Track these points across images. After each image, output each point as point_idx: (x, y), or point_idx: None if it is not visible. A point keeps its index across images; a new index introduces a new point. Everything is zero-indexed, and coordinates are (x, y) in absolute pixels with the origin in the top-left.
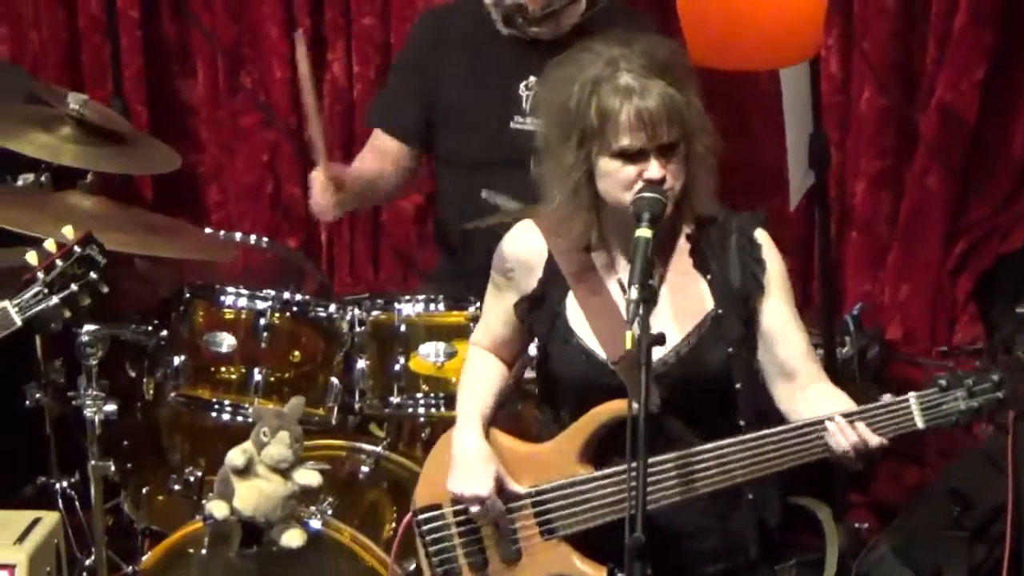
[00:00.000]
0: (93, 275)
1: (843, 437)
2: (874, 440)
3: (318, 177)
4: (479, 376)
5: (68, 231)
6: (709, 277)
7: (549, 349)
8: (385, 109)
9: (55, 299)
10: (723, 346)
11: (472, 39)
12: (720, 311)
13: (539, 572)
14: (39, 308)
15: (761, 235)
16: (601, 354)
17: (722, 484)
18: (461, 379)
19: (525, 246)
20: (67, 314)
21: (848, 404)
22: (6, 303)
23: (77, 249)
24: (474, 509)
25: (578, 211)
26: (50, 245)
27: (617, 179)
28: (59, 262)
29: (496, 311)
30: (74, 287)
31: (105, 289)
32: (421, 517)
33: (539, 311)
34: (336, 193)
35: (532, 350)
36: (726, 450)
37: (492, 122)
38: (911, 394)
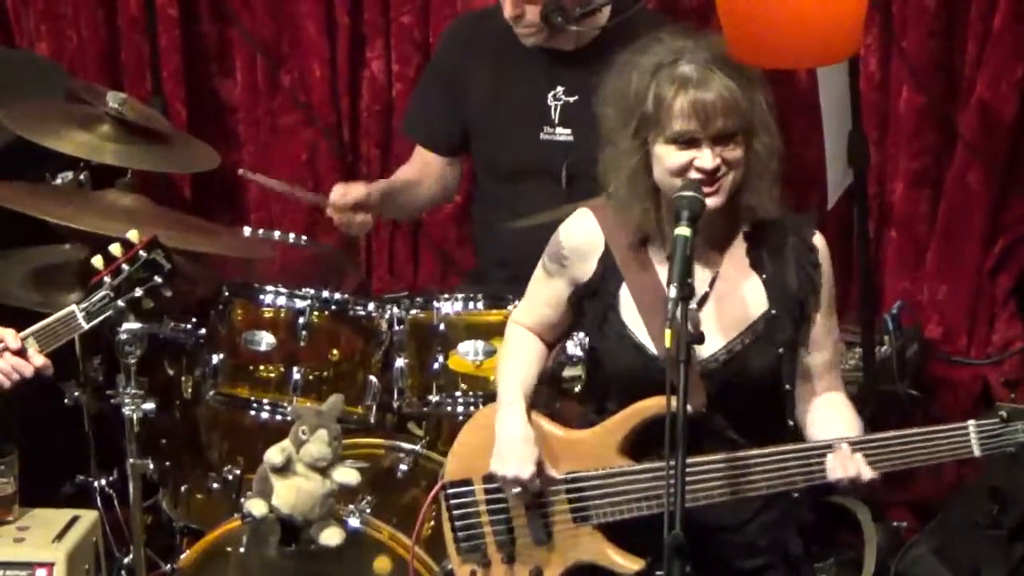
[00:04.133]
0: (157, 279)
1: (839, 465)
2: (867, 474)
3: (331, 213)
4: (522, 356)
5: (133, 235)
6: (764, 276)
7: (600, 341)
8: (418, 121)
9: (120, 303)
10: (774, 348)
11: (501, 49)
12: (774, 312)
13: (568, 556)
14: (107, 314)
15: (819, 240)
16: (652, 349)
17: (772, 490)
18: (503, 357)
19: (583, 235)
20: (131, 318)
21: (849, 418)
22: (73, 307)
23: (143, 253)
24: (514, 491)
25: (635, 199)
26: (116, 249)
27: (669, 165)
28: (125, 266)
29: (543, 294)
30: (138, 291)
31: (168, 293)
32: (451, 491)
33: (592, 302)
34: (357, 211)
35: (573, 349)
36: (778, 456)
37: (521, 133)
38: (971, 422)
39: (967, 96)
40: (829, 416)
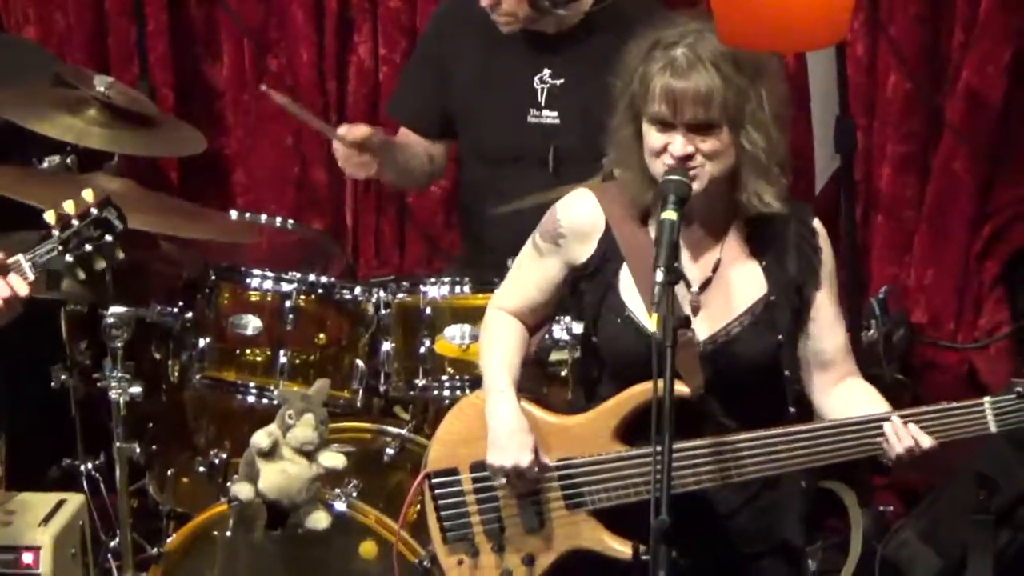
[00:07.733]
0: (108, 238)
1: (896, 440)
2: (926, 442)
3: (338, 147)
4: (506, 342)
5: (88, 194)
6: (764, 263)
7: (598, 323)
8: (404, 104)
9: (69, 257)
10: (773, 333)
11: (488, 32)
12: (773, 297)
13: (561, 543)
14: (52, 265)
15: (819, 224)
16: (652, 329)
17: (767, 473)
18: (486, 344)
19: (583, 214)
20: (81, 275)
21: (882, 401)
22: (19, 256)
23: (94, 211)
24: (515, 481)
25: (628, 171)
26: (69, 206)
27: (649, 145)
28: (75, 221)
29: (532, 275)
30: (88, 248)
31: (121, 255)
32: (435, 480)
33: (591, 283)
34: (363, 152)
35: (559, 333)
36: (777, 439)
37: (508, 116)
38: (986, 399)
39: (954, 81)
40: (852, 402)
